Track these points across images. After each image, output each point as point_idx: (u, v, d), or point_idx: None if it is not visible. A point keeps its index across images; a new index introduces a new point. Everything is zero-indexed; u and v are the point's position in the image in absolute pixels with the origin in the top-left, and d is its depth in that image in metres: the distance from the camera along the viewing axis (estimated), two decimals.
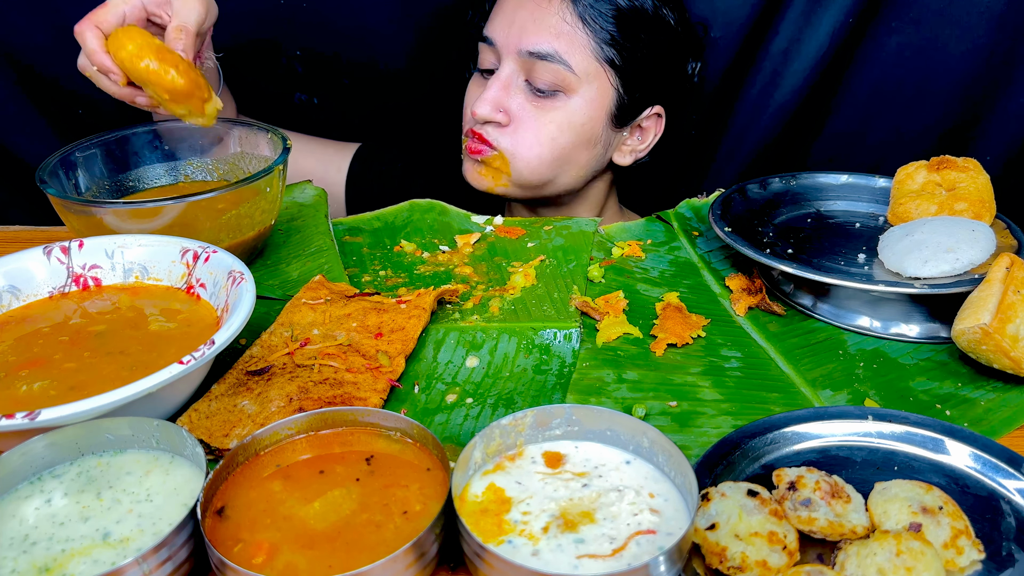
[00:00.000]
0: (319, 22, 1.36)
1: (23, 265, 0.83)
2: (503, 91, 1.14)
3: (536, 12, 1.11)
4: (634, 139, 1.24)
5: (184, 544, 0.56)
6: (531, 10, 1.11)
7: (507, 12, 1.14)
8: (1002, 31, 1.25)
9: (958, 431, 0.69)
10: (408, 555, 0.54)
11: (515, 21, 1.12)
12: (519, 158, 1.15)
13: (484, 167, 1.18)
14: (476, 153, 1.17)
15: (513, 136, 1.15)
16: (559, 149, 1.16)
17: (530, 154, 1.15)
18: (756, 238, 0.98)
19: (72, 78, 1.33)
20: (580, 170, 1.21)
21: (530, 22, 1.11)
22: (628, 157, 1.25)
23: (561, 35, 1.10)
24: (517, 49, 1.12)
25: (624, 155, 1.25)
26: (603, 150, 1.21)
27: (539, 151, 1.15)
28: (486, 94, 1.13)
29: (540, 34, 1.10)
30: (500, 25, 1.14)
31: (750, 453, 0.68)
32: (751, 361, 0.85)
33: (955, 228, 0.90)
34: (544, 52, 1.10)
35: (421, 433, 0.63)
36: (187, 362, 0.66)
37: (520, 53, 1.11)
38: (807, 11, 1.28)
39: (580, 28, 1.11)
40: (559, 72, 1.11)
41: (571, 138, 1.16)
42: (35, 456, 0.62)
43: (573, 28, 1.10)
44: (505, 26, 1.13)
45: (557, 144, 1.15)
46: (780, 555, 0.56)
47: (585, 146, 1.18)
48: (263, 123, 1.05)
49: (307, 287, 0.90)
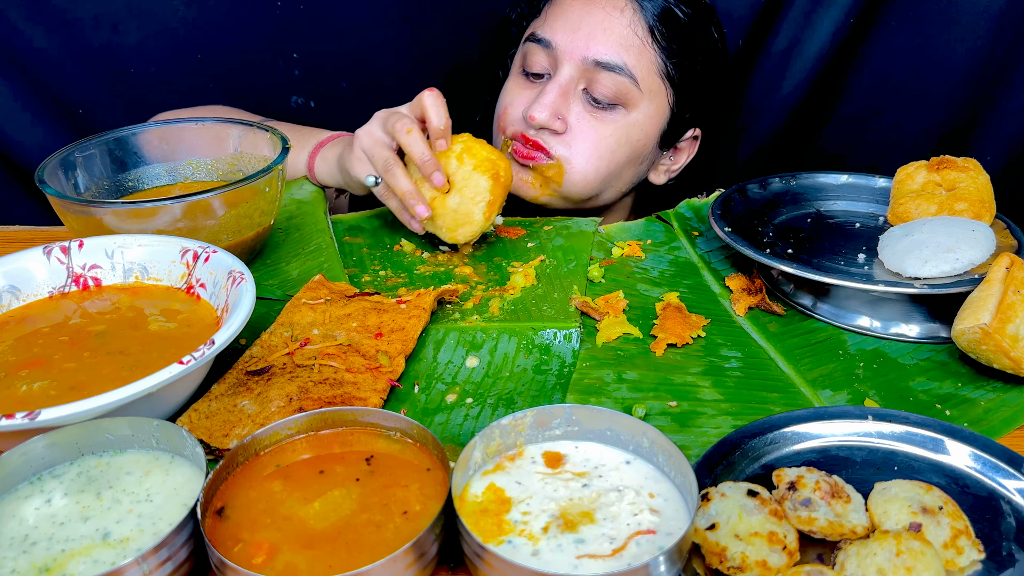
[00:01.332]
0: (316, 24, 1.36)
1: (23, 265, 0.83)
2: (562, 98, 1.09)
3: (606, 21, 1.07)
4: (668, 159, 1.22)
5: (184, 544, 0.56)
6: (600, 18, 1.08)
7: (571, 16, 1.09)
8: (1002, 31, 1.25)
9: (958, 431, 0.69)
10: (408, 555, 0.54)
11: (581, 27, 1.08)
12: (575, 169, 1.11)
13: (534, 175, 1.12)
14: (528, 159, 1.11)
15: (569, 146, 1.10)
16: (615, 164, 1.12)
17: (587, 166, 1.11)
18: (756, 238, 0.98)
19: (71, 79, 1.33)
20: (623, 186, 1.19)
21: (599, 30, 1.07)
22: (663, 176, 1.23)
23: (631, 47, 1.07)
24: (583, 56, 1.07)
25: (659, 174, 1.23)
26: (646, 168, 1.20)
27: (596, 164, 1.11)
28: (544, 99, 1.08)
29: (609, 44, 1.07)
30: (562, 29, 1.09)
31: (750, 453, 0.68)
32: (751, 361, 0.85)
33: (955, 228, 0.90)
34: (613, 63, 1.07)
35: (421, 433, 0.63)
36: (187, 362, 0.66)
37: (585, 61, 1.07)
38: (807, 11, 1.28)
39: (649, 43, 1.08)
40: (623, 85, 1.08)
41: (627, 154, 1.13)
42: (35, 456, 0.62)
43: (643, 42, 1.07)
44: (569, 30, 1.08)
45: (615, 159, 1.12)
46: (780, 555, 0.56)
47: (634, 163, 1.15)
48: (262, 123, 1.05)
49: (307, 287, 0.90)
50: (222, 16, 1.33)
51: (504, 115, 1.16)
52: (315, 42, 1.38)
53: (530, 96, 1.12)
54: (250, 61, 1.37)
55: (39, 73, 1.32)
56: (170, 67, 1.35)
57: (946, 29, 1.28)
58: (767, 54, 1.33)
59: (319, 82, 1.42)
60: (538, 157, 1.10)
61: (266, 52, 1.38)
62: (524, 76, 1.15)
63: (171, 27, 1.32)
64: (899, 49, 1.31)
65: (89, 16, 1.29)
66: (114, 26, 1.30)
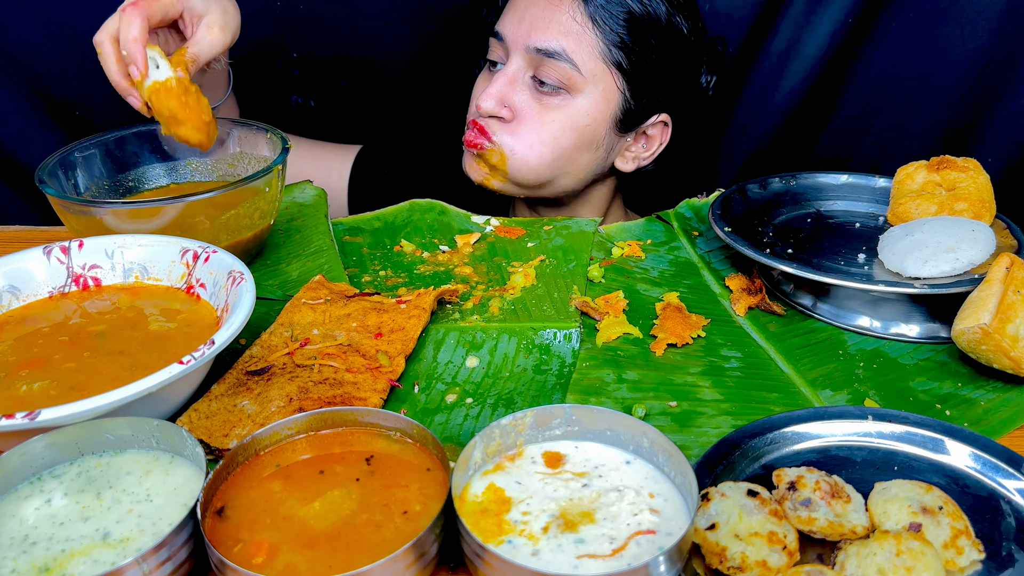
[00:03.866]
0: (316, 23, 1.36)
1: (23, 265, 0.83)
2: (508, 86, 1.13)
3: (547, 10, 1.11)
4: (638, 146, 1.23)
5: (184, 544, 0.56)
6: (542, 7, 1.12)
7: (519, 8, 1.14)
8: (1003, 32, 1.25)
9: (958, 431, 0.69)
10: (408, 555, 0.54)
11: (525, 18, 1.12)
12: (518, 156, 1.15)
13: (480, 161, 1.18)
14: (473, 146, 1.16)
15: (514, 134, 1.14)
16: (560, 150, 1.15)
17: (530, 153, 1.14)
18: (756, 238, 0.98)
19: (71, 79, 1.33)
20: (580, 172, 1.20)
21: (540, 19, 1.11)
22: (631, 163, 1.24)
23: (569, 34, 1.10)
24: (525, 45, 1.12)
25: (627, 161, 1.24)
26: (605, 154, 1.20)
27: (540, 150, 1.14)
28: (491, 88, 1.13)
29: (549, 31, 1.10)
30: (511, 21, 1.14)
31: (750, 453, 0.68)
32: (751, 361, 0.85)
33: (955, 228, 0.90)
34: (551, 49, 1.10)
35: (421, 433, 0.63)
36: (187, 362, 0.66)
37: (528, 49, 1.11)
38: (807, 11, 1.28)
39: (589, 28, 1.10)
40: (565, 71, 1.11)
41: (573, 139, 1.15)
42: (35, 456, 0.62)
43: (582, 28, 1.10)
44: (515, 22, 1.13)
45: (559, 144, 1.15)
46: (780, 555, 0.56)
47: (587, 148, 1.17)
48: (262, 123, 1.05)
49: (307, 287, 0.90)
50: None
51: (470, 108, 1.21)
52: (315, 42, 1.38)
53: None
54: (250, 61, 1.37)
55: (39, 74, 1.32)
56: None
57: (947, 29, 1.27)
58: (766, 54, 1.33)
59: (319, 82, 1.42)
60: (481, 144, 1.15)
61: (266, 52, 1.38)
62: (488, 70, 1.20)
63: None
64: (899, 49, 1.31)
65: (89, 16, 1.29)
66: None
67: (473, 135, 1.16)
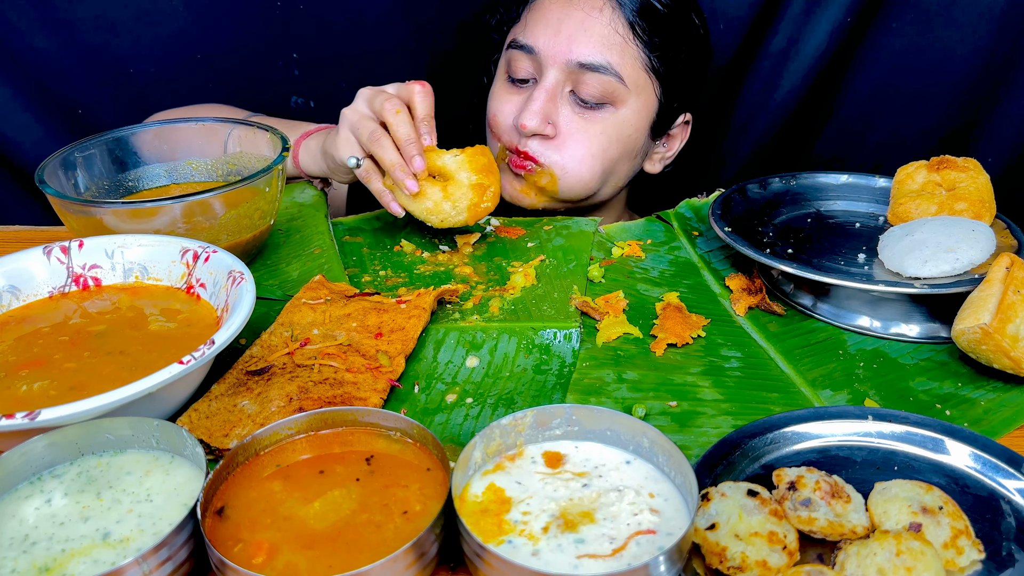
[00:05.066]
0: (316, 24, 1.36)
1: (23, 265, 0.83)
2: (550, 102, 1.09)
3: (586, 21, 1.07)
4: (663, 147, 1.22)
5: (184, 544, 0.56)
6: (580, 19, 1.08)
7: (550, 20, 1.09)
8: (1003, 32, 1.25)
9: (958, 431, 0.69)
10: (408, 555, 0.54)
11: (562, 31, 1.08)
12: (570, 173, 1.11)
13: (528, 185, 1.14)
14: (521, 168, 1.12)
15: (561, 151, 1.11)
16: (609, 162, 1.13)
17: (581, 168, 1.11)
18: (756, 238, 0.98)
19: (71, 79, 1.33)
20: (619, 181, 1.19)
21: (580, 32, 1.07)
22: (658, 165, 1.24)
23: (613, 46, 1.07)
24: (566, 59, 1.08)
25: (654, 163, 1.23)
26: (640, 160, 1.20)
27: (591, 164, 1.12)
28: (533, 106, 1.08)
29: (591, 44, 1.07)
30: (543, 33, 1.09)
31: (750, 453, 0.68)
32: (751, 361, 0.85)
33: (955, 228, 0.90)
34: (597, 63, 1.07)
35: (421, 433, 0.63)
36: (187, 362, 0.66)
37: (569, 63, 1.08)
38: (806, 11, 1.28)
39: (630, 39, 1.08)
40: (609, 84, 1.08)
41: (619, 150, 1.13)
42: (35, 456, 0.62)
43: (624, 39, 1.07)
44: (550, 35, 1.08)
45: (607, 156, 1.12)
46: (780, 555, 0.56)
47: (628, 157, 1.16)
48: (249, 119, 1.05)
49: (307, 287, 0.90)
50: (222, 16, 1.33)
51: (494, 121, 1.17)
52: (315, 42, 1.38)
53: (518, 102, 1.13)
54: (250, 61, 1.37)
55: (39, 73, 1.32)
56: (170, 67, 1.35)
57: (947, 30, 1.28)
58: (766, 54, 1.33)
59: (319, 82, 1.42)
60: (529, 167, 1.12)
61: (266, 52, 1.38)
62: (510, 82, 1.16)
63: (171, 27, 1.32)
64: (900, 50, 1.31)
65: (89, 16, 1.29)
66: (113, 26, 1.30)
67: (519, 160, 1.12)
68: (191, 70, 1.35)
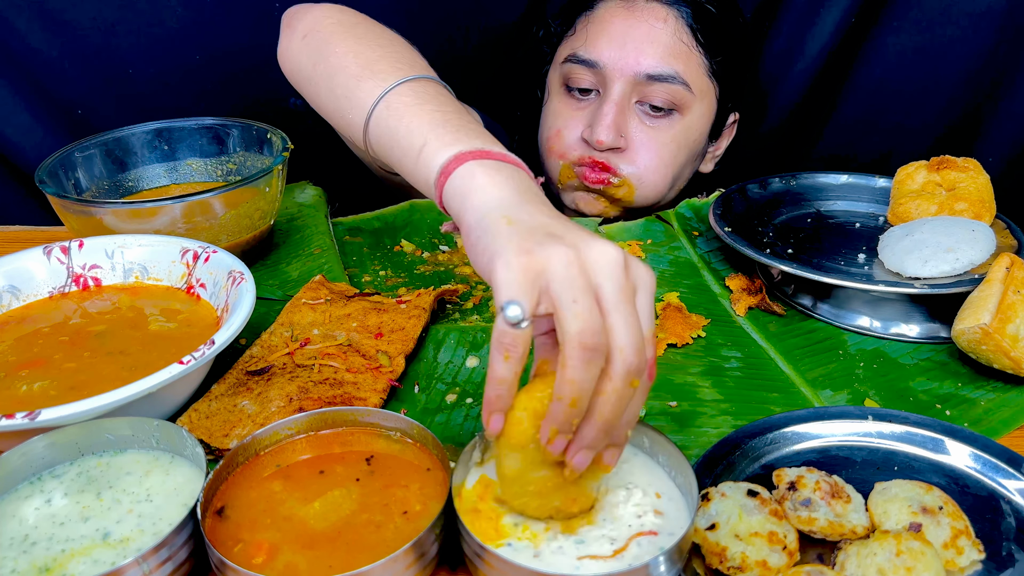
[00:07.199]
0: None
1: (23, 265, 0.83)
2: (620, 115, 1.09)
3: (651, 33, 1.07)
4: (713, 146, 1.23)
5: (184, 544, 0.56)
6: (645, 31, 1.07)
7: (614, 33, 1.09)
8: (1004, 32, 1.25)
9: (958, 431, 0.69)
10: (408, 555, 0.54)
11: (627, 44, 1.08)
12: (646, 183, 1.12)
13: (603, 198, 1.15)
14: (599, 183, 1.12)
15: (634, 162, 1.11)
16: (678, 167, 1.14)
17: (656, 177, 1.12)
18: (756, 238, 0.98)
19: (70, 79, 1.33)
20: (683, 184, 1.20)
21: (646, 44, 1.07)
22: (710, 164, 1.24)
23: (679, 55, 1.07)
24: (634, 72, 1.07)
25: (707, 163, 1.24)
26: (699, 162, 1.21)
27: (664, 172, 1.13)
28: (605, 120, 1.08)
29: (658, 56, 1.07)
30: (607, 47, 1.09)
31: (750, 453, 0.68)
32: (751, 361, 0.85)
33: (955, 228, 0.90)
34: (666, 74, 1.07)
35: (421, 433, 0.63)
36: (187, 362, 0.66)
37: (637, 76, 1.07)
38: (808, 11, 1.28)
39: (694, 46, 1.08)
40: (677, 92, 1.08)
41: (686, 155, 1.14)
42: (35, 456, 0.62)
43: (689, 47, 1.08)
44: (615, 48, 1.08)
45: (677, 162, 1.13)
46: (780, 555, 0.56)
47: (691, 161, 1.17)
48: (263, 123, 1.05)
49: (307, 287, 0.90)
50: (221, 17, 1.33)
51: (557, 138, 1.15)
52: None
53: (582, 117, 1.13)
54: (249, 61, 1.37)
55: (38, 74, 1.32)
56: (169, 68, 1.35)
57: (947, 30, 1.27)
58: (768, 53, 1.33)
59: None
60: (606, 179, 1.12)
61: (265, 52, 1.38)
62: (569, 96, 1.15)
63: (170, 28, 1.32)
64: (901, 49, 1.30)
65: (88, 17, 1.29)
66: (112, 27, 1.30)
67: (596, 174, 1.12)
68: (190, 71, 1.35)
